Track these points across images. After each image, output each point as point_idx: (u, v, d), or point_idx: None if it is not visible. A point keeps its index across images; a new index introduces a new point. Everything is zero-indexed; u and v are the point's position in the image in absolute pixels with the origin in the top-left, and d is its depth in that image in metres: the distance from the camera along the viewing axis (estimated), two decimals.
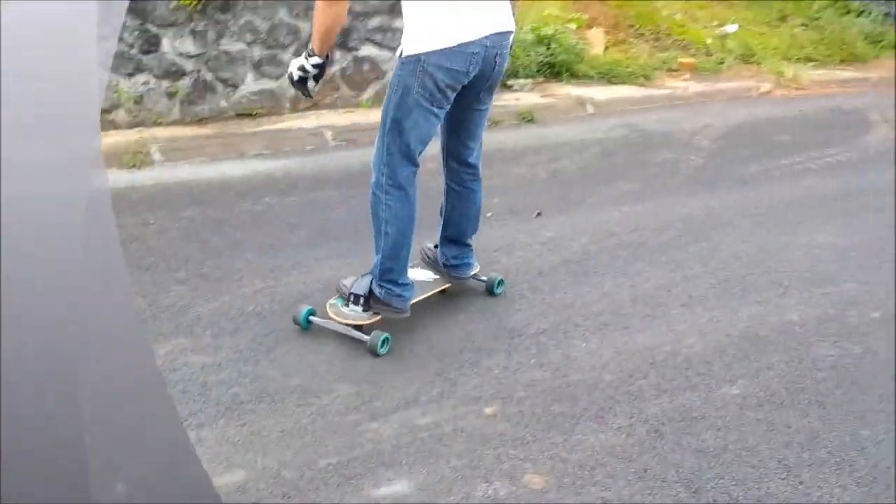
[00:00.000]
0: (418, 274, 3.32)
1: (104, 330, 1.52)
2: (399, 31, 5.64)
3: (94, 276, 1.46)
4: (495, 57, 2.86)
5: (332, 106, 5.70)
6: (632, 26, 7.78)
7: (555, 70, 6.71)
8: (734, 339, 3.23)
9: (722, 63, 7.44)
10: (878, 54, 8.07)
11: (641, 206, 4.59)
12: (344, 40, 5.64)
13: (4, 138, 1.35)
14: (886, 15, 8.58)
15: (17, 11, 1.40)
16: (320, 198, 4.45)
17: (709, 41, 7.72)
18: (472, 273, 3.41)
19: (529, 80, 6.53)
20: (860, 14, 8.60)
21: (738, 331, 3.29)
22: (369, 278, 3.00)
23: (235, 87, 5.39)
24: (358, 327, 2.98)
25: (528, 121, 6.01)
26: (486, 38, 2.78)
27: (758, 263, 3.92)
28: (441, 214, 3.32)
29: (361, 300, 2.99)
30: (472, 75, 2.82)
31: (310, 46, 2.83)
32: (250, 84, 5.44)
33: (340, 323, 3.00)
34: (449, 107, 2.89)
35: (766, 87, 7.10)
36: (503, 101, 6.20)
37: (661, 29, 7.85)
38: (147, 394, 1.61)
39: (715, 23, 8.16)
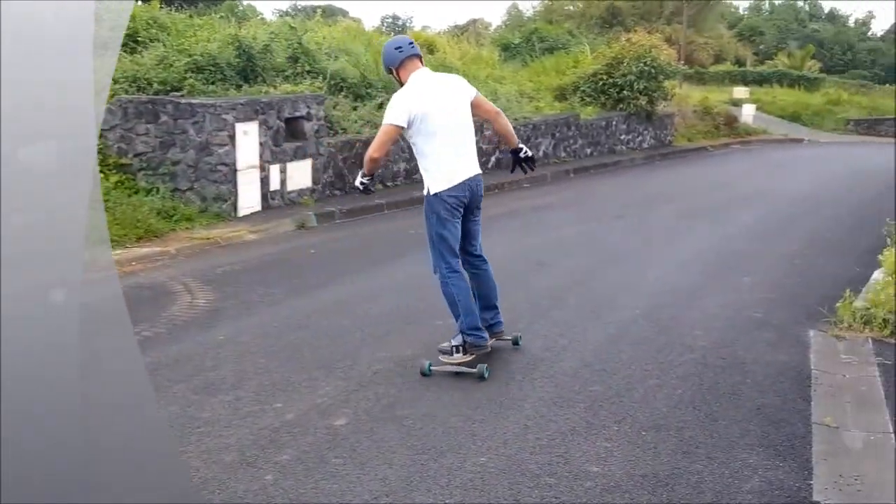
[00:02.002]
0: None
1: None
2: None
3: None
4: (474, 187, 5.13)
5: None
6: None
7: None
8: None
9: None
10: (174, 227, 8.82)
11: None
12: None
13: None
14: (175, 191, 9.48)
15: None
16: None
17: None
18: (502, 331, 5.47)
19: None
20: (149, 192, 9.32)
21: None
22: (458, 336, 5.09)
23: None
24: (465, 363, 5.03)
25: None
26: (468, 178, 5.08)
27: None
28: (474, 294, 5.27)
29: (461, 348, 5.07)
30: (468, 198, 5.09)
31: (363, 170, 5.19)
32: None
33: (455, 364, 5.05)
34: (461, 217, 5.13)
35: None
36: None
37: None
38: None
39: None
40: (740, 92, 32.33)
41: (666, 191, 14.21)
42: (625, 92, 18.83)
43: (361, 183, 5.25)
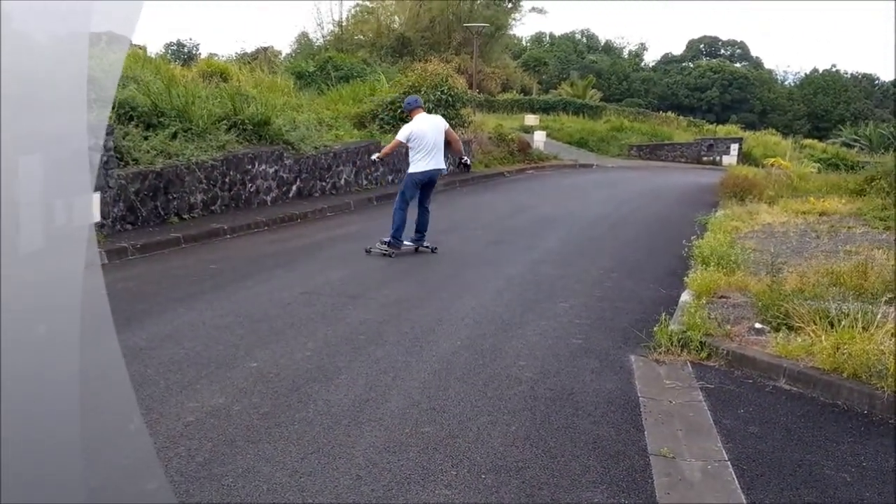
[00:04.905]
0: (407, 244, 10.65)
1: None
2: None
3: None
4: (432, 176, 10.53)
5: None
6: None
7: None
8: None
9: None
10: None
11: None
12: None
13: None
14: None
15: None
16: None
17: None
18: (426, 245, 10.63)
19: None
20: None
21: None
22: (388, 239, 10.34)
23: None
24: (389, 254, 10.22)
25: None
26: (430, 170, 10.43)
27: None
28: (417, 223, 10.61)
29: (389, 244, 10.33)
30: (424, 180, 10.51)
31: (381, 151, 11.53)
32: None
33: (384, 249, 10.32)
34: (419, 191, 10.61)
35: None
36: None
37: None
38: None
39: None
40: (531, 119, 33.70)
41: (470, 216, 14.39)
42: None
43: (378, 157, 11.12)
